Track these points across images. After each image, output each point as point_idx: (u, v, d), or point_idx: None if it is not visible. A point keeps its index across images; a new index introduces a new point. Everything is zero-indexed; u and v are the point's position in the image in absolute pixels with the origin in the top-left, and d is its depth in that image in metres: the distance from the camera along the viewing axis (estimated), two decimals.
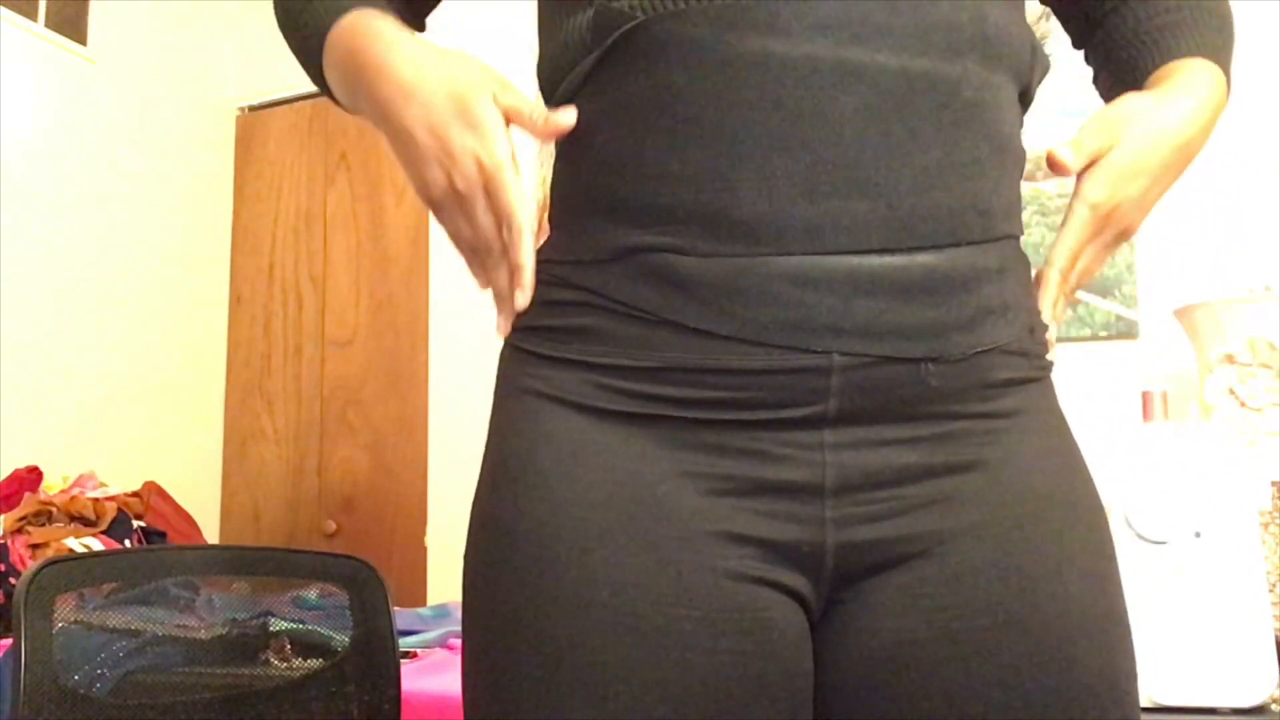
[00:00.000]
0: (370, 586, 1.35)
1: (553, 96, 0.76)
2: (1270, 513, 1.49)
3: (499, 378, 0.78)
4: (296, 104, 3.18)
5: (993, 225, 0.71)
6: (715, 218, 0.67)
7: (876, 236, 0.66)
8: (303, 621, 1.32)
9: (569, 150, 0.76)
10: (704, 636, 0.66)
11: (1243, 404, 1.71)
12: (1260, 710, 1.16)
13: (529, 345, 0.74)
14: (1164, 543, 1.21)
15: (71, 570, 1.12)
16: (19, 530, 2.15)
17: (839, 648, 0.71)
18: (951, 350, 0.69)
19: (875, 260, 0.66)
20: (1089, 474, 0.76)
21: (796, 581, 0.69)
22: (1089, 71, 0.93)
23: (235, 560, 1.33)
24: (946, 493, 0.70)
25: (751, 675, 0.67)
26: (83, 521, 2.22)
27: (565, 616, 0.66)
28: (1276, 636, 1.19)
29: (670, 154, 0.68)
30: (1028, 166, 0.79)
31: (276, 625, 1.30)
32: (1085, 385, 2.23)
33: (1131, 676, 0.71)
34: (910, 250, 0.67)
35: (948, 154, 0.68)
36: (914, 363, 0.68)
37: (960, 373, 0.69)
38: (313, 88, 0.84)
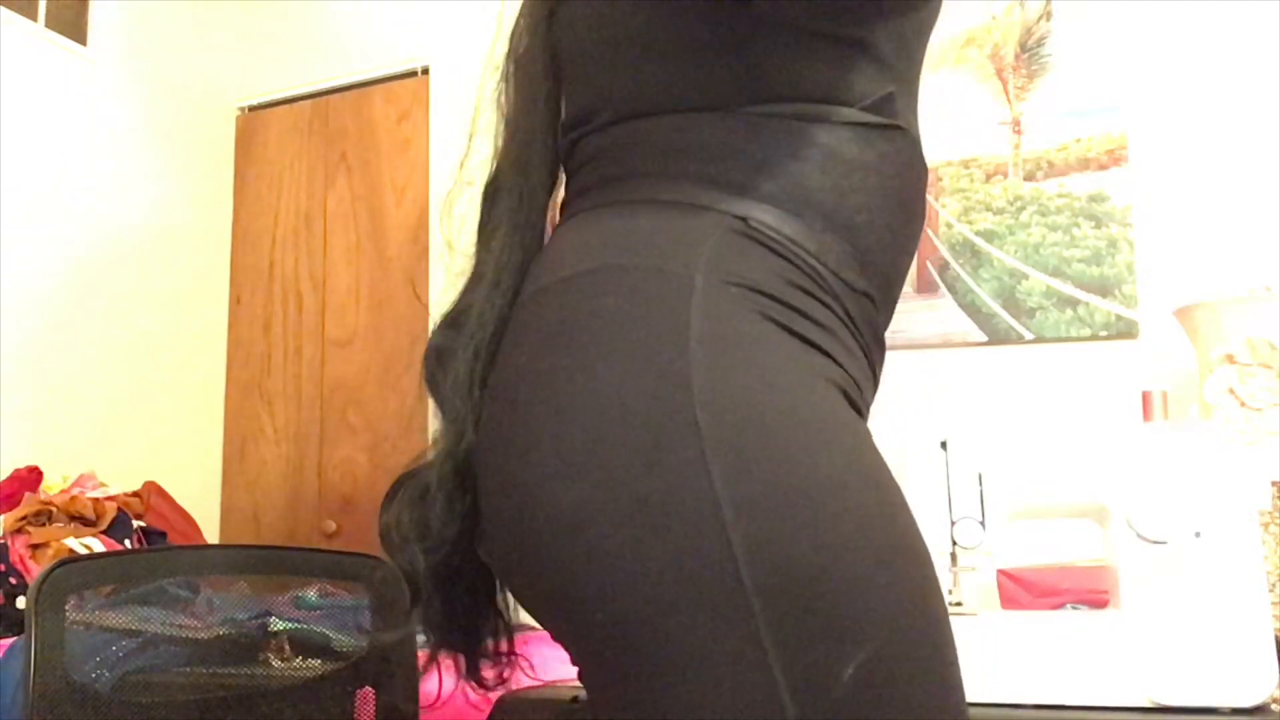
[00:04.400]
0: (391, 584, 1.36)
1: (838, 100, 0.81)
2: (1270, 513, 1.49)
3: (757, 341, 0.71)
4: (296, 104, 3.17)
5: None
6: (887, 290, 0.84)
7: None
8: (302, 621, 1.32)
9: (849, 168, 0.80)
10: None
11: (1243, 404, 1.71)
12: (1260, 710, 1.16)
13: (797, 327, 0.73)
14: (1164, 543, 1.21)
15: (85, 570, 1.12)
16: (19, 530, 2.15)
17: None
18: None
19: None
20: None
21: None
22: (1089, 72, 0.96)
23: (254, 560, 1.33)
24: None
25: None
26: (83, 521, 2.22)
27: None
28: (1276, 636, 1.19)
29: (896, 230, 0.83)
30: (1027, 166, 0.82)
31: (276, 625, 1.30)
32: (1085, 385, 2.23)
33: None
34: None
35: None
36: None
37: None
38: (313, 88, 0.81)
